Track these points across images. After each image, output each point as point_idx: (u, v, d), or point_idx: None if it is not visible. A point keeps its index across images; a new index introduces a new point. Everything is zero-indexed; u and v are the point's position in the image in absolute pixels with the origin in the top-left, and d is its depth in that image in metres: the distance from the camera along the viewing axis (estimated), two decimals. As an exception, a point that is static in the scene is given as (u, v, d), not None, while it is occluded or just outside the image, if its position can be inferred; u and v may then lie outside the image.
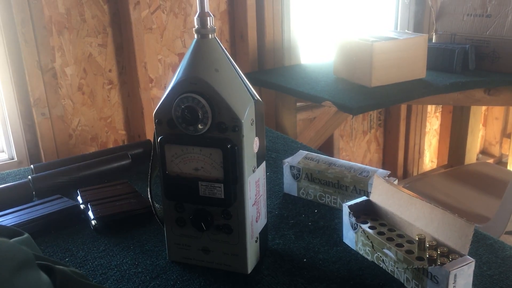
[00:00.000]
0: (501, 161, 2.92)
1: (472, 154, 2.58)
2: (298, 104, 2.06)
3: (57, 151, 1.57)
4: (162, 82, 1.78)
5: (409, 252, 0.63)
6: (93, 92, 1.66)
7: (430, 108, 2.68)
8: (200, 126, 0.60)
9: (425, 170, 2.79)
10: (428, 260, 0.60)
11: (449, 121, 2.68)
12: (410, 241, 0.66)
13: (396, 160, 2.59)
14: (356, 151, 2.50)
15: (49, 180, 0.91)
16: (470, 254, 0.60)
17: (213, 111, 0.60)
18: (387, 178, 0.75)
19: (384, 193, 0.71)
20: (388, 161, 2.62)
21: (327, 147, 2.28)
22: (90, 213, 0.80)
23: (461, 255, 0.59)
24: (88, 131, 1.68)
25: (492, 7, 1.77)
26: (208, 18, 0.61)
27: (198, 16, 0.61)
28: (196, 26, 0.62)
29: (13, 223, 0.76)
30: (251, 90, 0.64)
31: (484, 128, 2.95)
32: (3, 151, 1.60)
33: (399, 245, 0.65)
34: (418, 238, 0.63)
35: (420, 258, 0.62)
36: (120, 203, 0.83)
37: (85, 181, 0.93)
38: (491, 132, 2.95)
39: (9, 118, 1.54)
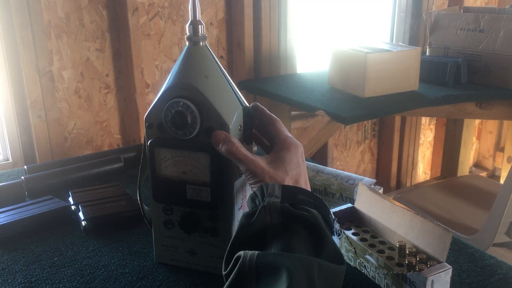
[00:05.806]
0: (494, 175, 2.94)
1: (464, 167, 2.61)
2: (292, 112, 2.08)
3: (52, 153, 1.59)
4: (158, 88, 1.79)
5: (389, 258, 0.65)
6: (89, 96, 1.68)
7: (424, 120, 2.70)
8: (189, 131, 0.62)
9: (418, 182, 2.81)
10: (407, 266, 0.62)
11: (443, 134, 2.71)
12: (391, 248, 0.67)
13: (389, 171, 2.60)
14: (350, 161, 2.51)
15: (41, 181, 0.93)
16: (451, 262, 0.61)
17: (201, 116, 0.61)
18: (371, 186, 0.77)
19: (368, 201, 0.73)
20: (381, 171, 2.64)
21: (321, 156, 2.29)
22: (81, 214, 0.81)
23: (439, 262, 0.61)
24: (83, 135, 1.70)
25: (485, 22, 1.80)
26: (200, 26, 0.63)
27: (190, 24, 0.63)
28: (188, 34, 0.64)
29: (4, 222, 0.78)
30: (240, 97, 0.66)
31: (478, 141, 2.98)
32: (-2, 152, 1.61)
33: (381, 252, 0.66)
34: (399, 244, 0.65)
35: (400, 265, 0.64)
36: (111, 205, 0.84)
37: (78, 183, 0.95)
38: (484, 146, 2.97)
39: (5, 119, 1.55)
